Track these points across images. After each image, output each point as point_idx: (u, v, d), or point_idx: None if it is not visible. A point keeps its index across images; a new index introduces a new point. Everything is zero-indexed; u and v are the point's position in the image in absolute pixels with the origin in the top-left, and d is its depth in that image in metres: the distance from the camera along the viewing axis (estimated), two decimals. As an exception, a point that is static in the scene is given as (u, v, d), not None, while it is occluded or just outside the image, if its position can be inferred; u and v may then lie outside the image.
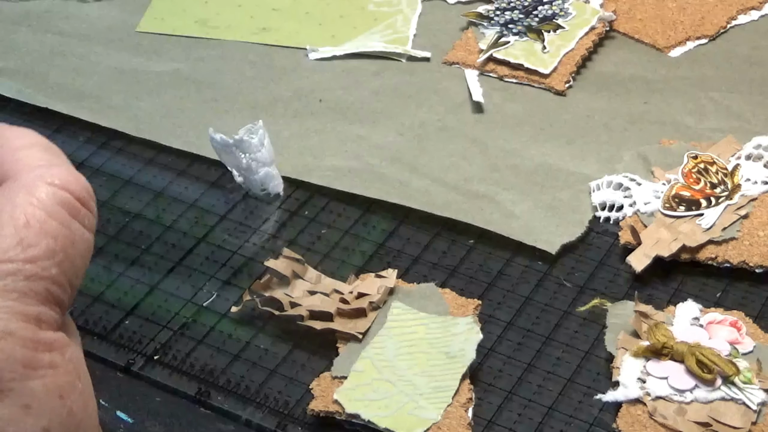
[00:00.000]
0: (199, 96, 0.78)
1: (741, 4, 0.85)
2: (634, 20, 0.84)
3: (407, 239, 0.68)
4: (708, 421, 0.56)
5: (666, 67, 0.81)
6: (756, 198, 0.68)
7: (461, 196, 0.70)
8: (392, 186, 0.71)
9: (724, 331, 0.60)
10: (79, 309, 0.62)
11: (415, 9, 0.86)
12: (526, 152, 0.74)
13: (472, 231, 0.68)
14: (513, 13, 0.83)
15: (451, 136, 0.75)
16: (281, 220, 0.69)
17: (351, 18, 0.85)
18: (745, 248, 0.65)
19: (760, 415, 0.57)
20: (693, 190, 0.69)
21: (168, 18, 0.85)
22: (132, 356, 0.60)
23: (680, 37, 0.83)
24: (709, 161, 0.71)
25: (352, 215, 0.69)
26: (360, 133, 0.75)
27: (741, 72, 0.80)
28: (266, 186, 0.69)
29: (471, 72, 0.80)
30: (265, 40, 0.83)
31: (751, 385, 0.57)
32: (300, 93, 0.78)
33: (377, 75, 0.80)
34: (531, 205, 0.69)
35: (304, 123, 0.76)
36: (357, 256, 0.66)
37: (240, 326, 0.62)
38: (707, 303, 0.63)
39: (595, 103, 0.78)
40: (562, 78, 0.79)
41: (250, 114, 0.75)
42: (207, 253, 0.66)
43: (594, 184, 0.70)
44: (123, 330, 0.61)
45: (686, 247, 0.65)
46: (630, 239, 0.66)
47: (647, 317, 0.61)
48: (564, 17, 0.82)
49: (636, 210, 0.68)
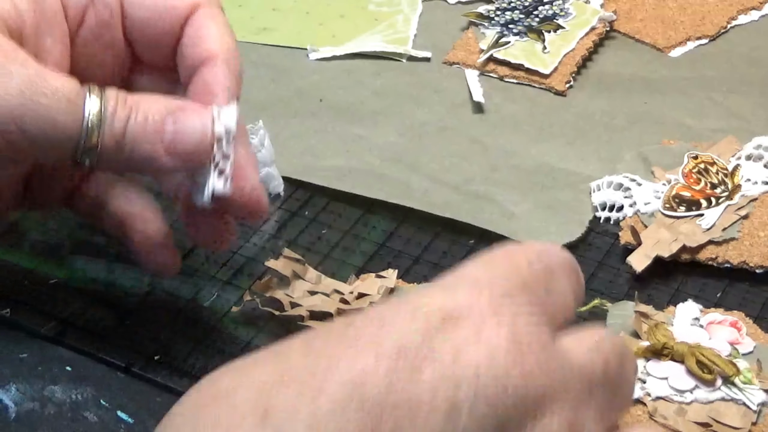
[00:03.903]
0: (199, 96, 0.78)
1: (741, 4, 0.85)
2: (634, 20, 0.84)
3: (407, 239, 0.68)
4: (708, 422, 0.56)
5: (666, 67, 0.81)
6: (756, 198, 0.68)
7: (461, 197, 0.70)
8: (392, 186, 0.71)
9: (724, 332, 0.60)
10: (79, 309, 0.62)
11: (416, 9, 0.86)
12: (526, 152, 0.74)
13: (472, 231, 0.68)
14: (513, 13, 0.83)
15: (451, 136, 0.75)
16: (281, 221, 0.69)
17: (351, 18, 0.85)
18: (745, 249, 0.65)
19: (760, 415, 0.57)
20: (693, 191, 0.69)
21: (168, 18, 0.85)
22: (132, 356, 0.60)
23: (680, 37, 0.83)
24: (710, 161, 0.71)
25: (352, 215, 0.69)
26: (360, 133, 0.75)
27: (741, 72, 0.80)
28: (266, 186, 0.69)
29: (471, 72, 0.80)
30: (266, 40, 0.83)
31: (751, 386, 0.57)
32: (300, 93, 0.79)
33: (377, 75, 0.80)
34: (531, 205, 0.69)
35: (304, 123, 0.76)
36: (357, 257, 0.66)
37: (240, 326, 0.62)
38: (707, 303, 0.63)
39: (596, 103, 0.78)
40: (562, 78, 0.79)
41: (250, 114, 0.75)
42: (207, 253, 0.66)
43: (594, 185, 0.70)
44: (123, 330, 0.61)
45: (686, 247, 0.65)
46: (630, 239, 0.67)
47: (647, 317, 0.61)
48: (564, 17, 0.82)
49: (636, 210, 0.68)
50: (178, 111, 0.54)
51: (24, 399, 0.57)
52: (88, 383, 0.58)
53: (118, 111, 0.53)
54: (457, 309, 0.38)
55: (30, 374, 0.58)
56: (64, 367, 0.59)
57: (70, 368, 0.59)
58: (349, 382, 0.36)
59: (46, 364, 0.59)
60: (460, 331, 0.38)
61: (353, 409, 0.36)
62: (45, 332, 0.61)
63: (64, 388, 0.58)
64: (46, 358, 0.59)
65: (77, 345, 0.60)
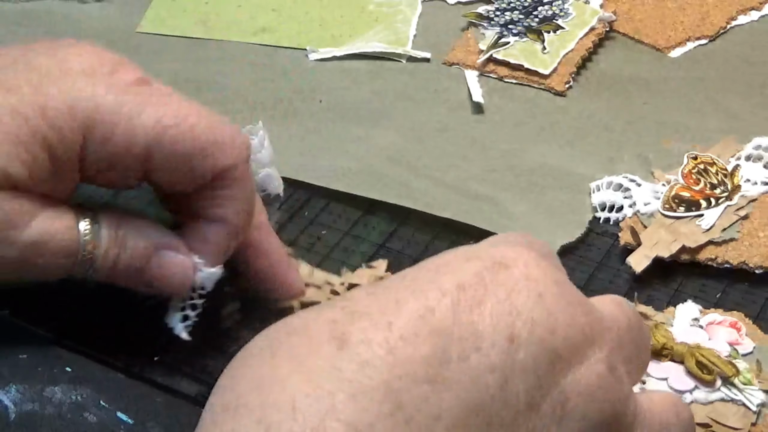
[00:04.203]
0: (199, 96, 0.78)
1: (741, 4, 0.85)
2: (634, 21, 0.84)
3: (407, 240, 0.68)
4: (708, 422, 0.56)
5: (666, 67, 0.81)
6: (756, 199, 0.68)
7: (461, 197, 0.70)
8: (392, 187, 0.71)
9: (723, 332, 0.60)
10: (79, 309, 0.62)
11: (415, 9, 0.86)
12: (526, 153, 0.74)
13: (472, 231, 0.68)
14: (513, 13, 0.83)
15: (451, 136, 0.75)
16: (281, 221, 0.69)
17: (351, 18, 0.85)
18: (744, 249, 0.65)
19: (759, 416, 0.57)
20: (693, 191, 0.69)
21: (168, 18, 0.85)
22: (132, 357, 0.60)
23: (680, 37, 0.83)
24: (709, 162, 0.71)
25: (352, 216, 0.69)
26: (360, 133, 0.75)
27: (741, 72, 0.80)
28: (266, 187, 0.69)
29: (471, 72, 0.80)
30: (265, 41, 0.83)
31: (750, 386, 0.57)
32: (300, 93, 0.79)
33: (377, 75, 0.80)
34: (531, 205, 0.69)
35: (304, 123, 0.76)
36: (357, 257, 0.66)
37: (241, 327, 0.62)
38: (707, 304, 0.63)
39: (595, 104, 0.78)
40: (562, 78, 0.79)
41: (250, 115, 0.75)
42: (207, 254, 0.66)
43: (594, 185, 0.70)
44: (123, 330, 0.61)
45: (686, 247, 0.65)
46: (630, 240, 0.67)
47: (647, 318, 0.61)
48: (564, 18, 0.82)
49: (636, 211, 0.68)
50: (166, 250, 0.57)
51: (24, 400, 0.57)
52: (88, 384, 0.58)
53: (110, 252, 0.57)
54: (505, 257, 0.43)
55: (30, 375, 0.58)
56: (64, 368, 0.59)
57: (70, 369, 0.59)
58: (417, 315, 0.40)
59: (46, 364, 0.59)
60: (511, 273, 0.42)
61: (424, 336, 0.39)
62: (45, 332, 0.61)
63: (64, 389, 0.58)
64: (46, 358, 0.59)
65: (77, 345, 0.60)
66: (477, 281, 0.41)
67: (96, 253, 0.57)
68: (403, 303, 0.41)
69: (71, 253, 0.56)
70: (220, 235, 0.58)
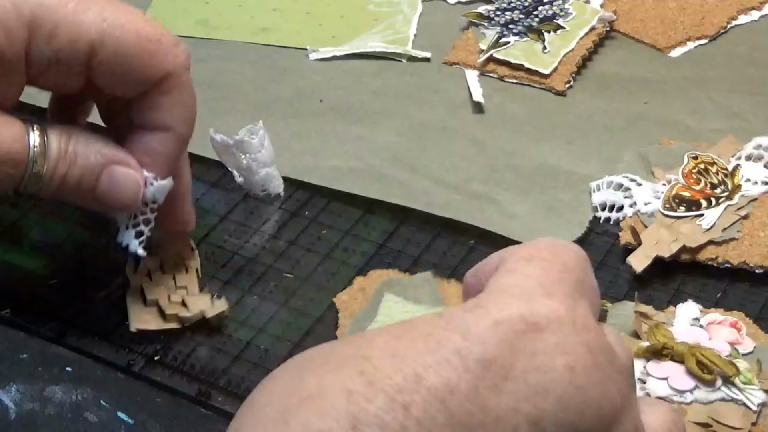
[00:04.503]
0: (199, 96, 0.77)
1: (741, 4, 0.85)
2: (634, 20, 0.84)
3: (407, 240, 0.68)
4: (708, 422, 0.56)
5: (666, 67, 0.81)
6: (756, 198, 0.68)
7: (461, 197, 0.70)
8: (392, 186, 0.71)
9: (724, 332, 0.60)
10: (79, 309, 0.62)
11: (416, 9, 0.86)
12: (526, 152, 0.74)
13: (472, 231, 0.68)
14: (513, 13, 0.83)
15: (451, 136, 0.75)
16: (282, 221, 0.69)
17: (351, 18, 0.85)
18: (745, 249, 0.65)
19: (760, 415, 0.57)
20: (693, 191, 0.69)
21: (168, 18, 0.85)
22: (132, 357, 0.60)
23: (680, 37, 0.83)
24: (710, 161, 0.71)
25: (352, 216, 0.69)
26: (360, 133, 0.75)
27: (741, 72, 0.80)
28: (266, 187, 0.69)
29: (471, 72, 0.80)
30: (266, 41, 0.83)
31: (751, 386, 0.57)
32: (300, 93, 0.79)
33: (377, 75, 0.80)
34: (531, 205, 0.69)
35: (304, 123, 0.76)
36: (357, 257, 0.66)
37: (241, 326, 0.62)
38: (707, 303, 0.63)
39: (596, 104, 0.78)
40: (562, 78, 0.79)
41: (250, 114, 0.75)
42: (207, 254, 0.66)
43: (594, 185, 0.70)
44: (123, 330, 0.61)
45: (686, 247, 0.65)
46: (630, 239, 0.67)
47: (647, 318, 0.61)
48: (564, 17, 0.82)
49: (636, 210, 0.68)
50: (116, 165, 0.57)
51: (24, 399, 0.57)
52: (89, 383, 0.58)
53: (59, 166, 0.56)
54: (536, 318, 0.40)
55: (30, 374, 0.58)
56: (64, 367, 0.59)
57: (70, 368, 0.59)
58: (436, 396, 0.38)
59: (46, 364, 0.59)
60: (543, 339, 0.39)
61: (440, 423, 0.37)
62: (45, 332, 0.61)
63: (64, 389, 0.58)
64: (46, 358, 0.59)
65: (77, 345, 0.60)
66: (505, 354, 0.39)
67: (46, 166, 0.56)
68: (423, 378, 0.38)
69: (19, 163, 0.55)
70: (167, 144, 0.58)
